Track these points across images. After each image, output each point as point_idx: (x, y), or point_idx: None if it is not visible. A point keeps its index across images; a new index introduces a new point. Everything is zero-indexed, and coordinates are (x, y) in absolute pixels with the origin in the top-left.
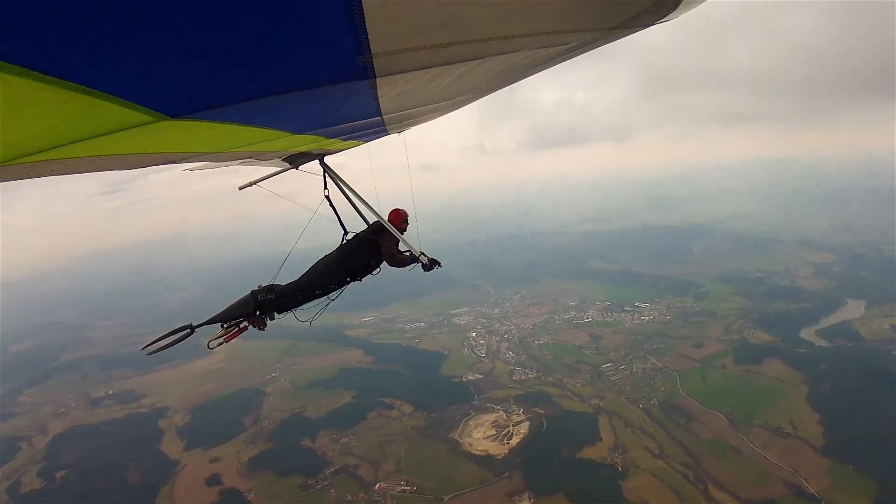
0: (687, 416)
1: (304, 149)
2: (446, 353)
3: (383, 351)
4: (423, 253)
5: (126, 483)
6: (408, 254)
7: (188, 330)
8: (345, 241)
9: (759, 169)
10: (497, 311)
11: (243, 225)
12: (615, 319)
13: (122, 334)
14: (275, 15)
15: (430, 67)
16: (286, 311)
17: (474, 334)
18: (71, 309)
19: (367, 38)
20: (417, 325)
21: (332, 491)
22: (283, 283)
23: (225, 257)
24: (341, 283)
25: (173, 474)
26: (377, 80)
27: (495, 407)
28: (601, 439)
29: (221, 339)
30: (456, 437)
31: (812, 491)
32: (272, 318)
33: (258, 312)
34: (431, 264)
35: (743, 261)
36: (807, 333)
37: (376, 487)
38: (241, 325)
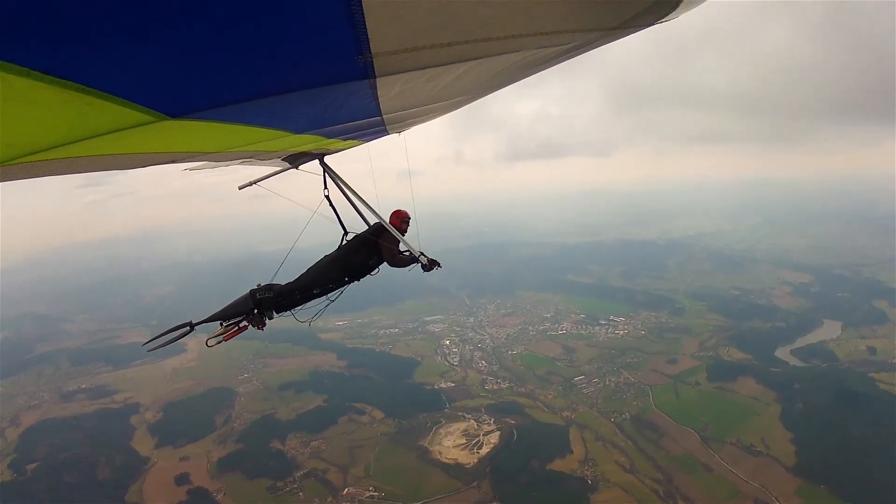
0: (659, 431)
1: (304, 149)
2: (419, 359)
3: (356, 355)
4: (422, 253)
5: (96, 479)
6: (408, 254)
7: (188, 327)
8: (344, 241)
9: (737, 188)
10: (472, 319)
11: (221, 223)
12: (589, 332)
13: (97, 328)
14: (275, 15)
15: (430, 67)
16: (285, 310)
17: (448, 342)
18: (47, 301)
19: (367, 37)
20: (391, 330)
21: (301, 494)
22: (283, 283)
23: (201, 254)
24: (340, 284)
25: (143, 471)
26: (377, 79)
27: (466, 416)
28: (572, 452)
29: (220, 338)
30: (426, 444)
31: None
32: (271, 318)
33: (257, 311)
34: (431, 265)
35: (719, 278)
36: (782, 352)
37: (345, 492)
38: (241, 325)
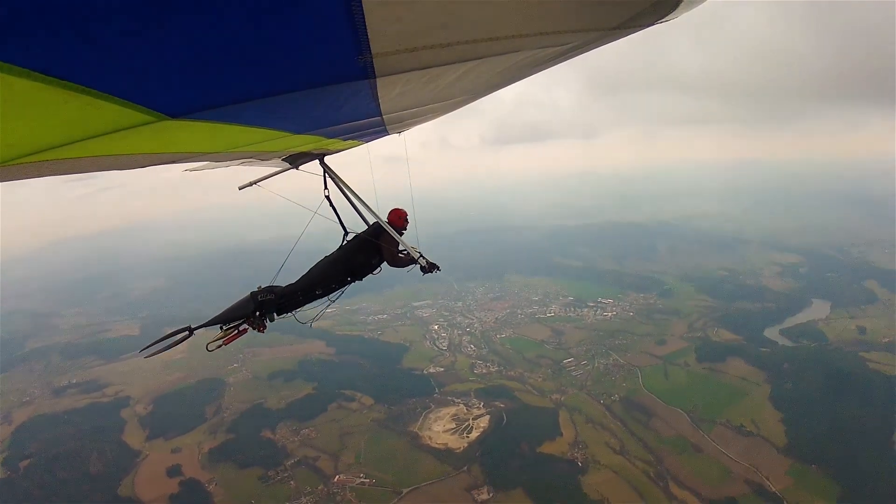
0: (648, 413)
1: (304, 149)
2: (408, 345)
3: (345, 342)
4: (421, 255)
5: (89, 473)
6: (406, 255)
7: (186, 332)
8: (345, 241)
9: (726, 170)
10: (460, 304)
11: (210, 213)
12: (578, 315)
13: (87, 322)
14: (275, 15)
15: (430, 67)
16: (286, 312)
17: (436, 327)
18: (37, 297)
19: (368, 38)
20: (380, 316)
21: (292, 483)
22: (283, 284)
23: (191, 246)
24: (342, 283)
25: (135, 464)
26: (377, 80)
27: (455, 400)
28: (561, 434)
29: (220, 342)
30: (416, 430)
31: (773, 489)
32: (272, 320)
33: (258, 314)
34: (430, 267)
35: (708, 260)
36: (771, 333)
37: (335, 480)
38: (241, 328)
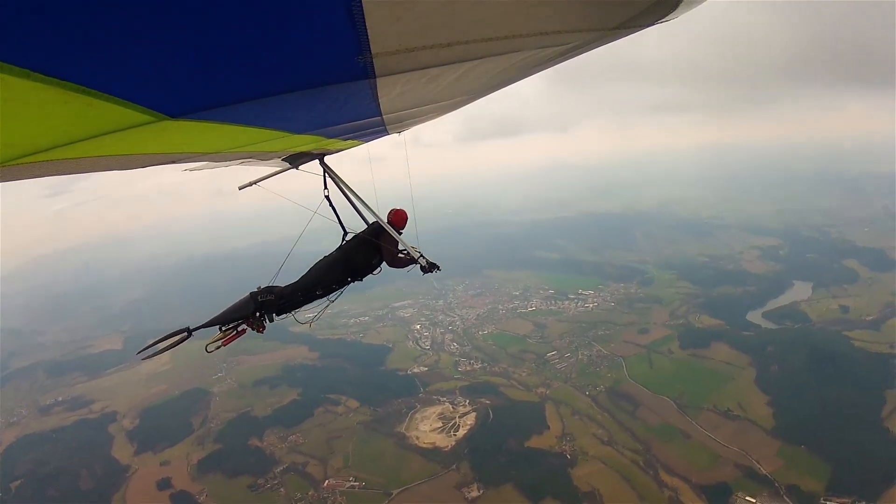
0: (634, 402)
1: (304, 149)
2: (391, 346)
3: (328, 346)
4: (421, 255)
5: (80, 490)
6: (406, 255)
7: (185, 333)
8: (344, 241)
9: (701, 156)
10: (441, 302)
11: (186, 222)
12: (559, 308)
13: (70, 339)
14: (274, 15)
15: (430, 67)
16: (286, 312)
17: (418, 326)
18: (20, 315)
19: (367, 38)
20: (362, 318)
21: (282, 490)
22: (282, 285)
23: (168, 256)
24: (342, 284)
25: (125, 479)
26: (377, 80)
27: (441, 399)
28: (548, 428)
29: (219, 343)
30: (403, 430)
31: (764, 472)
32: (271, 320)
33: (258, 314)
34: (430, 267)
35: (687, 246)
36: (753, 316)
37: (325, 484)
38: (240, 328)
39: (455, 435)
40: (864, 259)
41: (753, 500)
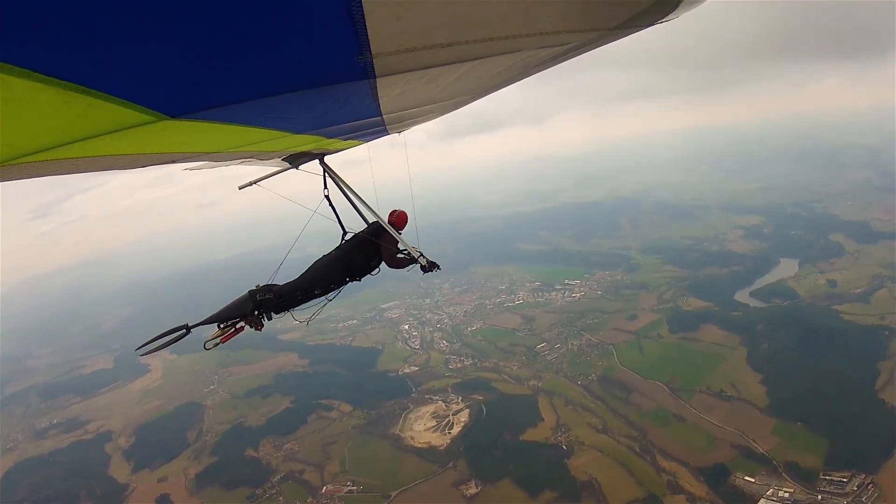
0: (627, 388)
1: (304, 149)
2: (380, 348)
3: (318, 352)
4: (421, 254)
5: None
6: (406, 255)
7: (184, 330)
8: (344, 240)
9: (681, 139)
10: (428, 301)
11: (171, 237)
12: (546, 299)
13: (61, 360)
14: (275, 15)
15: (430, 67)
16: (284, 310)
17: (407, 327)
18: (10, 339)
19: (368, 38)
20: (350, 322)
21: (280, 498)
22: (281, 283)
23: (154, 271)
24: (341, 283)
25: (124, 498)
26: (377, 80)
27: (434, 398)
28: (543, 420)
29: (218, 340)
30: (397, 431)
31: (761, 451)
32: (269, 318)
33: (256, 312)
34: (430, 266)
35: (671, 230)
36: (741, 296)
37: (323, 490)
38: (238, 326)
39: (450, 433)
40: (850, 232)
41: (752, 480)
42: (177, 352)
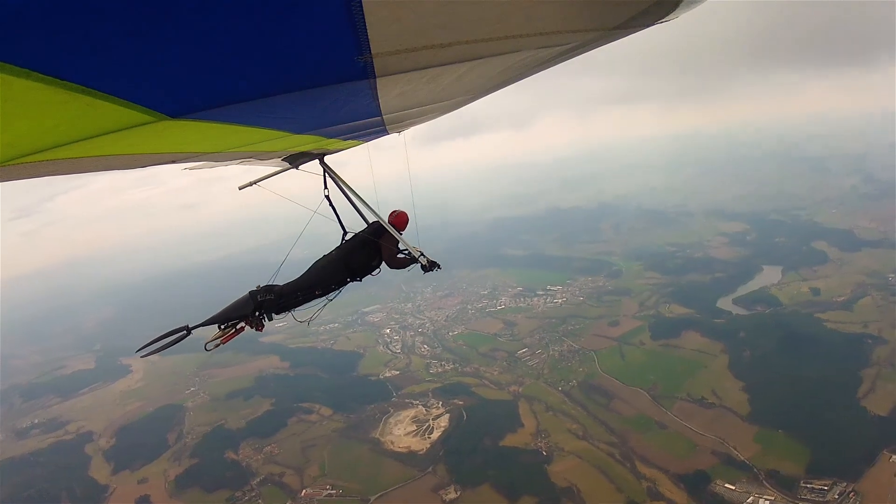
0: (608, 395)
1: (304, 149)
2: (362, 352)
3: (299, 355)
4: (422, 254)
5: None
6: (407, 255)
7: (185, 331)
8: (344, 240)
9: (664, 144)
10: (409, 305)
11: (153, 239)
12: (528, 304)
13: (43, 360)
14: (274, 15)
15: (430, 67)
16: (285, 311)
17: (388, 331)
18: None
19: (367, 38)
20: (331, 325)
21: (260, 501)
22: (282, 284)
23: (137, 273)
24: (341, 284)
25: (104, 499)
26: (377, 80)
27: (414, 402)
28: (523, 425)
29: (218, 341)
30: (377, 436)
31: (742, 458)
32: (270, 319)
33: (257, 313)
34: (431, 266)
35: (654, 236)
36: (724, 303)
37: (303, 494)
38: (238, 326)
39: (430, 437)
40: (833, 240)
41: (732, 487)
42: (158, 352)
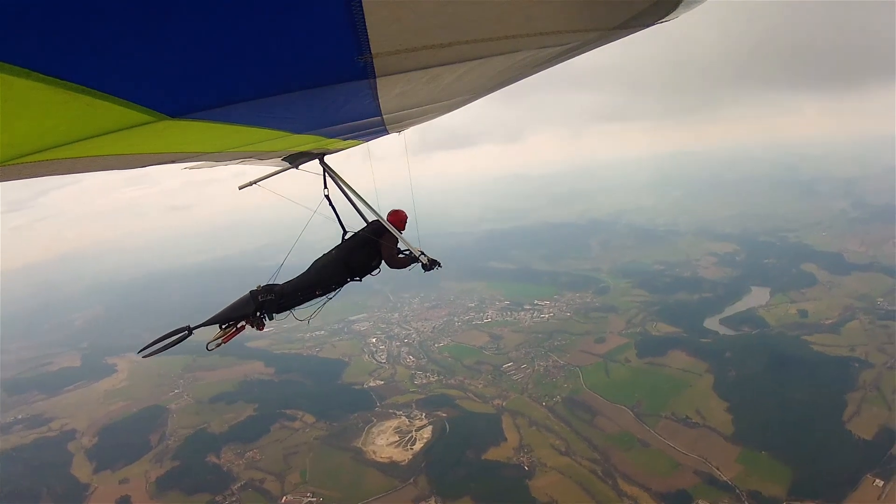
0: (592, 411)
1: (303, 148)
2: (347, 360)
3: (284, 361)
4: (422, 253)
5: None
6: (407, 254)
7: (186, 331)
8: (344, 240)
9: (656, 163)
10: (396, 315)
11: (144, 238)
12: (515, 318)
13: (29, 356)
14: (274, 15)
15: (430, 67)
16: (285, 310)
17: (374, 340)
18: None
19: (367, 38)
20: (317, 333)
21: None
22: (282, 283)
23: (127, 272)
24: (341, 283)
25: (85, 498)
26: (377, 80)
27: (397, 413)
28: (506, 439)
29: (220, 341)
30: (359, 445)
31: (724, 479)
32: (271, 318)
33: (258, 313)
34: (431, 264)
35: (643, 253)
36: (711, 323)
37: (283, 501)
38: (239, 326)
39: (412, 449)
40: (823, 263)
41: None
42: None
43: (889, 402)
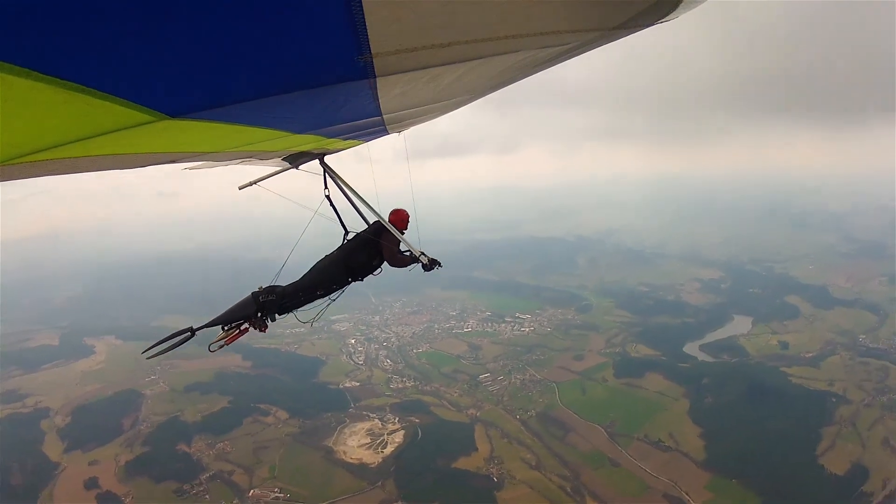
0: (565, 428)
1: (304, 148)
2: (324, 359)
3: (261, 355)
4: (423, 253)
5: (9, 485)
6: (408, 254)
7: (189, 333)
8: (345, 240)
9: (647, 183)
10: (377, 318)
11: (132, 222)
12: (495, 330)
13: (9, 331)
14: (275, 15)
15: (430, 67)
16: (287, 312)
17: (353, 341)
18: None
19: (367, 38)
20: (297, 330)
21: (207, 497)
22: (284, 284)
23: (111, 254)
24: (343, 284)
25: (53, 476)
26: (377, 80)
27: (371, 415)
28: (477, 449)
29: (222, 342)
30: (330, 444)
31: None
32: (273, 320)
33: (260, 315)
34: (432, 264)
35: (628, 274)
36: (690, 348)
37: (250, 494)
38: (242, 327)
39: (382, 452)
40: (807, 295)
41: None
42: (122, 337)
43: (864, 440)
